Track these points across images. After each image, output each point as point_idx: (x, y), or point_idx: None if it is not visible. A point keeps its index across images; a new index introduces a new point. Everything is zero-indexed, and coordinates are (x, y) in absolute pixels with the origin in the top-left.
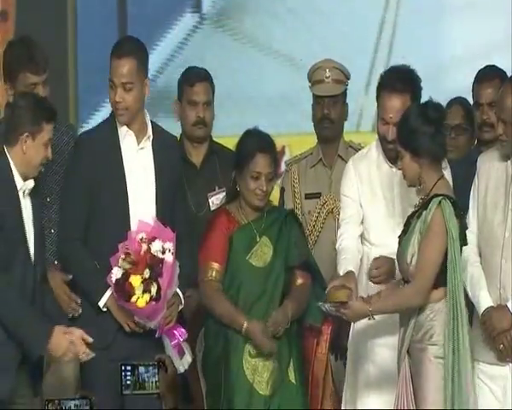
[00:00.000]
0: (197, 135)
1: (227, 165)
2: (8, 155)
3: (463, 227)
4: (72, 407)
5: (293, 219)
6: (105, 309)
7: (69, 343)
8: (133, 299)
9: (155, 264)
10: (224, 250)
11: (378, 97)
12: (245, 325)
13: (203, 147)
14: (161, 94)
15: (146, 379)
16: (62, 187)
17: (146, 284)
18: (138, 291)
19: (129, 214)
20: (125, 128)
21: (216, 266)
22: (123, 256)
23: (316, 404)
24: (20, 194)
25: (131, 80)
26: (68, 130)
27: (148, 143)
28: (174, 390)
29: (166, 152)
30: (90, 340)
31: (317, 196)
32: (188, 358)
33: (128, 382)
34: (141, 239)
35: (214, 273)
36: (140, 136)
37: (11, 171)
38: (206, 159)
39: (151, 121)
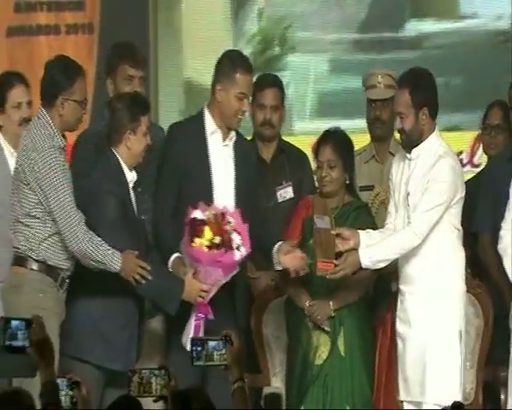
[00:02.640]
0: (264, 135)
1: (294, 162)
2: (116, 153)
3: None
4: (152, 377)
5: (365, 212)
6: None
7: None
8: (195, 241)
9: (226, 244)
10: (300, 233)
11: None
12: (307, 304)
13: (272, 145)
14: None
15: (214, 352)
16: (157, 174)
17: (211, 245)
18: (203, 240)
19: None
20: (213, 125)
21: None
22: (211, 211)
23: (379, 390)
24: (130, 186)
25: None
26: (159, 131)
27: (231, 143)
28: (239, 363)
29: (245, 153)
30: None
31: (370, 188)
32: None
33: (198, 354)
34: (230, 222)
35: None
36: (226, 135)
37: (121, 167)
38: (275, 156)
39: None
